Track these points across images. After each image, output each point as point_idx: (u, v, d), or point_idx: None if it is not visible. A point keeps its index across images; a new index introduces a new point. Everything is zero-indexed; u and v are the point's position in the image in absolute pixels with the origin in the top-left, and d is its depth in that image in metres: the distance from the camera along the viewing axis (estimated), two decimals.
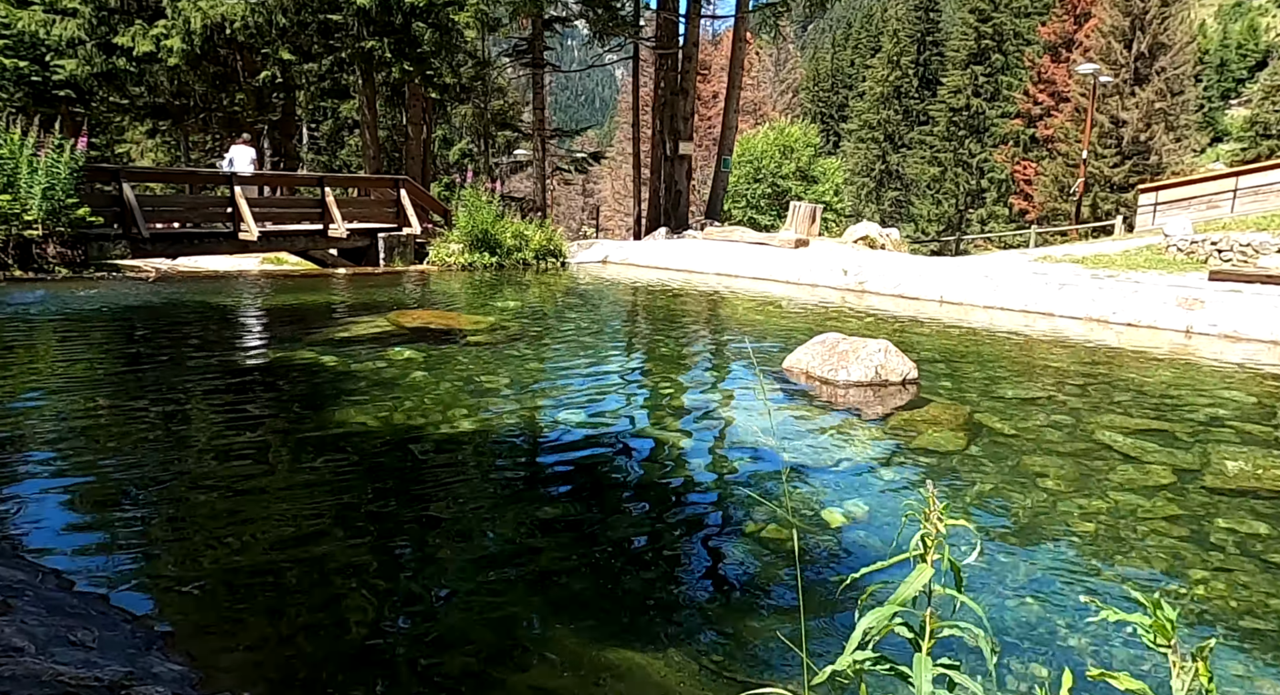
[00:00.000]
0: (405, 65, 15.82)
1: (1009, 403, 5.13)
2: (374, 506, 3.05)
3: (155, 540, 2.71)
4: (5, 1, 19.40)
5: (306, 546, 2.70)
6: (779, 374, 5.60)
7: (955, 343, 7.08)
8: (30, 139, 8.63)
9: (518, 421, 4.29)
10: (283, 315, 7.59)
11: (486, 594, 2.49)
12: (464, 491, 3.29)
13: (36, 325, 6.23)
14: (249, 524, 2.84)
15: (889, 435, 4.43)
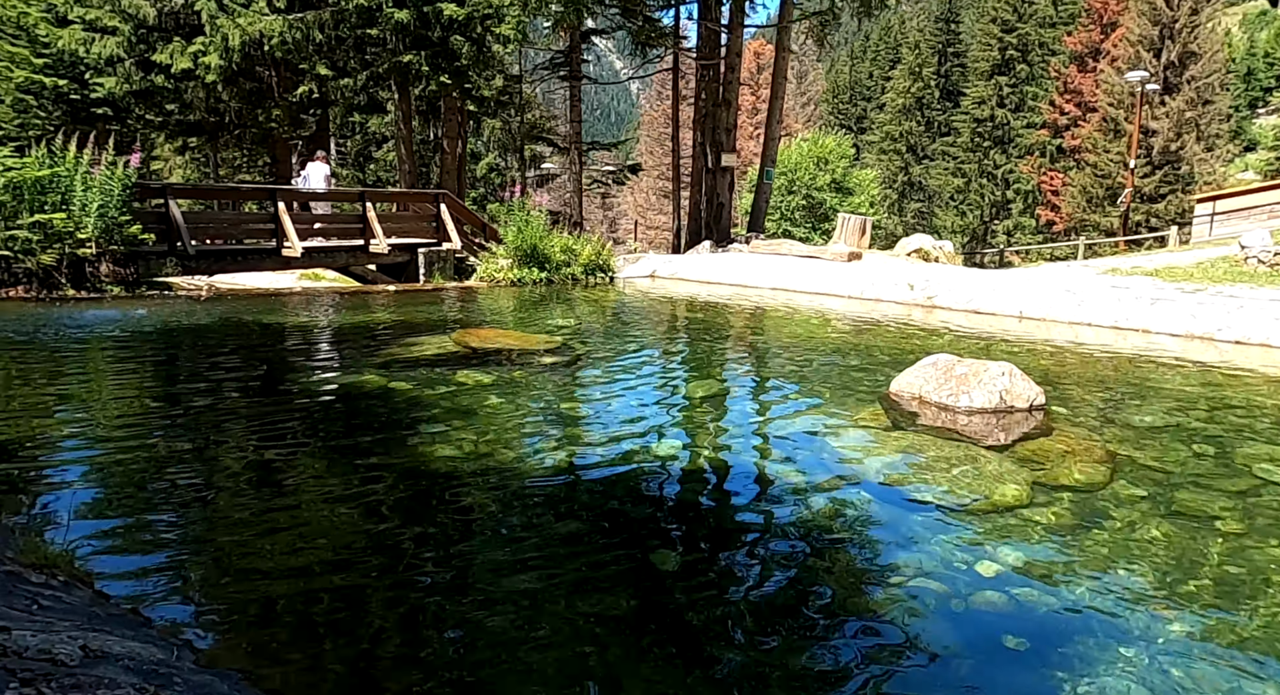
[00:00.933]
0: (443, 78, 15.63)
1: (1139, 430, 4.71)
2: (470, 547, 2.72)
3: (229, 585, 2.38)
4: (46, 21, 19.44)
5: (403, 591, 2.35)
6: (886, 399, 5.20)
7: (1052, 362, 6.66)
8: (85, 157, 8.41)
9: (608, 453, 3.96)
10: (342, 335, 7.30)
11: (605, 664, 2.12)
12: (563, 530, 3.00)
13: (108, 346, 5.95)
14: (343, 570, 2.50)
15: (1024, 468, 4.03)
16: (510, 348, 6.74)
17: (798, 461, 3.97)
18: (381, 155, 31.03)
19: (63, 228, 8.13)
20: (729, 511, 3.34)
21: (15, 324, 6.57)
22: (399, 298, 10.24)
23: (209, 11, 17.09)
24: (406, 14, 15.03)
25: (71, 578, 2.36)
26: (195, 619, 2.26)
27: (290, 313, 8.37)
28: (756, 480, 3.72)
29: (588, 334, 7.58)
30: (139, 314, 7.43)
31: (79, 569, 2.41)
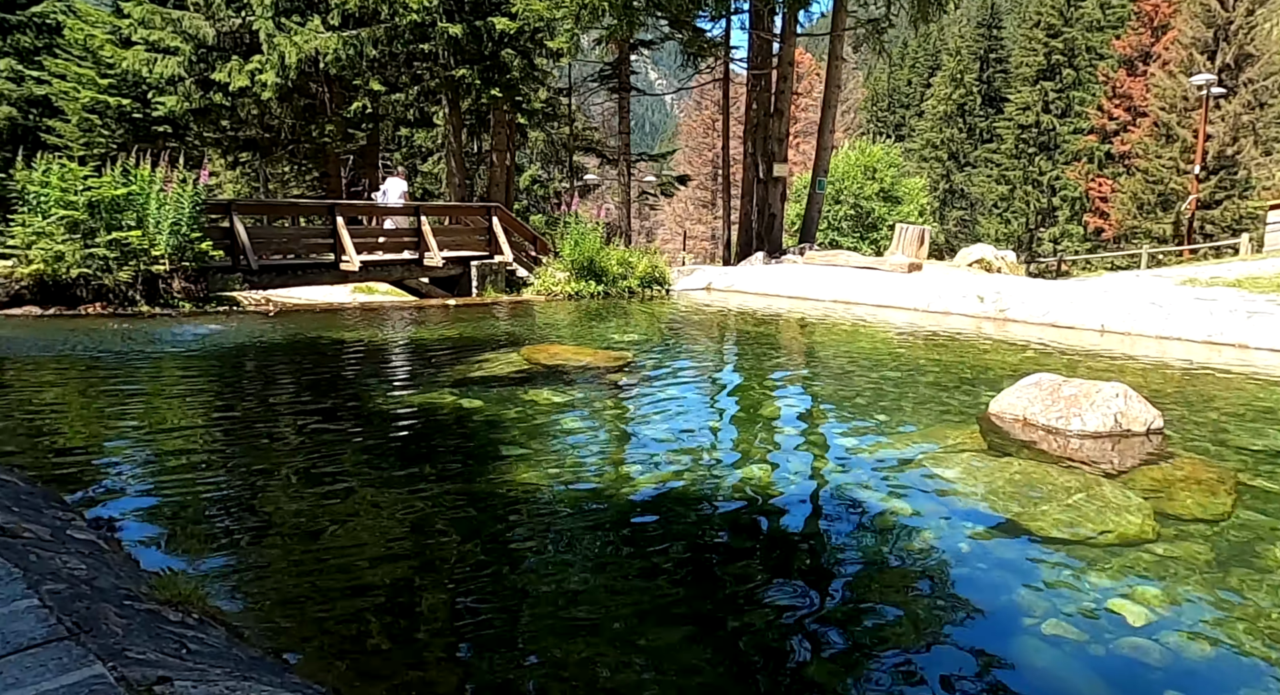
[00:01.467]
0: (494, 92, 15.72)
1: (1261, 455, 4.43)
2: (550, 573, 2.60)
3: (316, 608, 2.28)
4: (111, 42, 20.00)
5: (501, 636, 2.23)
6: (985, 421, 4.97)
7: (1149, 380, 6.35)
8: (158, 175, 8.53)
9: (691, 479, 3.82)
10: (411, 352, 7.26)
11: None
12: (645, 563, 2.84)
13: (189, 365, 5.97)
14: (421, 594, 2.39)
15: (1147, 498, 3.79)
16: (580, 365, 6.64)
17: (896, 490, 3.78)
18: (427, 168, 31.39)
19: (138, 245, 8.25)
20: (828, 545, 3.17)
21: (100, 341, 6.64)
22: (458, 312, 10.23)
23: (266, 30, 17.42)
24: (459, 28, 15.16)
25: (205, 615, 2.28)
26: (332, 661, 2.16)
27: (356, 329, 8.39)
28: (854, 510, 3.55)
29: (654, 350, 7.46)
30: (214, 330, 7.49)
31: (211, 606, 2.33)
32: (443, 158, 31.17)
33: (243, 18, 19.18)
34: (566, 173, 35.51)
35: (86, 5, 22.56)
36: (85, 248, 8.04)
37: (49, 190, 8.01)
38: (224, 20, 19.30)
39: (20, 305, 7.93)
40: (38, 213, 7.97)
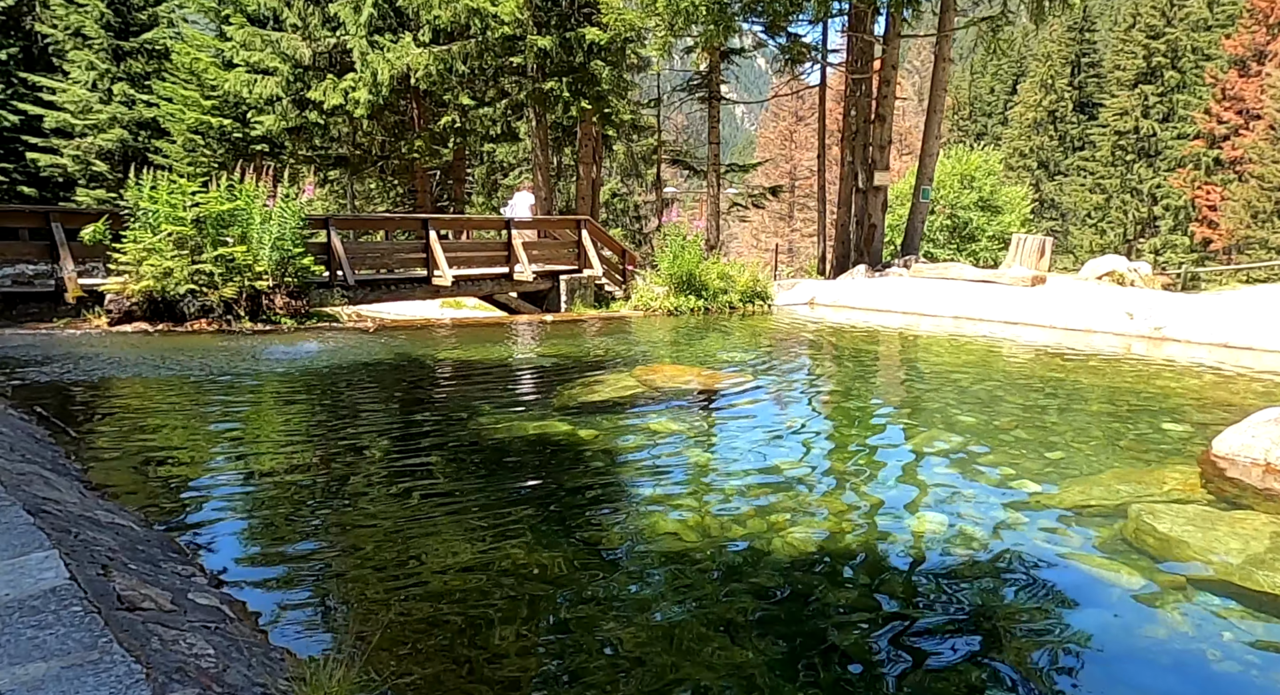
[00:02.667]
0: (583, 103, 15.45)
1: None
2: (686, 632, 2.03)
3: None
4: (214, 65, 20.65)
5: None
6: (1208, 464, 4.20)
7: None
8: (262, 190, 8.40)
9: (858, 531, 3.31)
10: (515, 371, 6.86)
11: None
12: (802, 628, 2.30)
13: (298, 385, 5.69)
14: None
15: None
16: (696, 388, 6.11)
17: (1110, 552, 3.10)
18: (509, 182, 31.57)
19: (242, 261, 8.14)
20: (1024, 618, 2.55)
21: (209, 360, 6.45)
22: (554, 329, 9.84)
23: (360, 49, 17.64)
24: (549, 40, 14.96)
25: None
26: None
27: (455, 347, 8.06)
28: (1058, 576, 2.89)
29: (771, 370, 6.88)
30: (316, 349, 7.26)
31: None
32: (524, 172, 31.32)
33: (337, 37, 19.54)
34: (649, 185, 35.21)
35: (193, 30, 23.46)
36: (192, 264, 7.96)
37: (158, 206, 7.97)
38: (320, 40, 19.69)
39: (131, 322, 7.89)
40: (148, 229, 7.92)
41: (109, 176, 22.69)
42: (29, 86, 22.07)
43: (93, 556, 2.27)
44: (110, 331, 7.72)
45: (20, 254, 8.65)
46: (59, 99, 22.04)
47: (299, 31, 19.63)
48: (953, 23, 14.11)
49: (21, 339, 6.99)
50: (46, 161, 22.00)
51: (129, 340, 7.29)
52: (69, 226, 8.99)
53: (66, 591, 1.92)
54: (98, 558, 2.28)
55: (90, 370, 5.76)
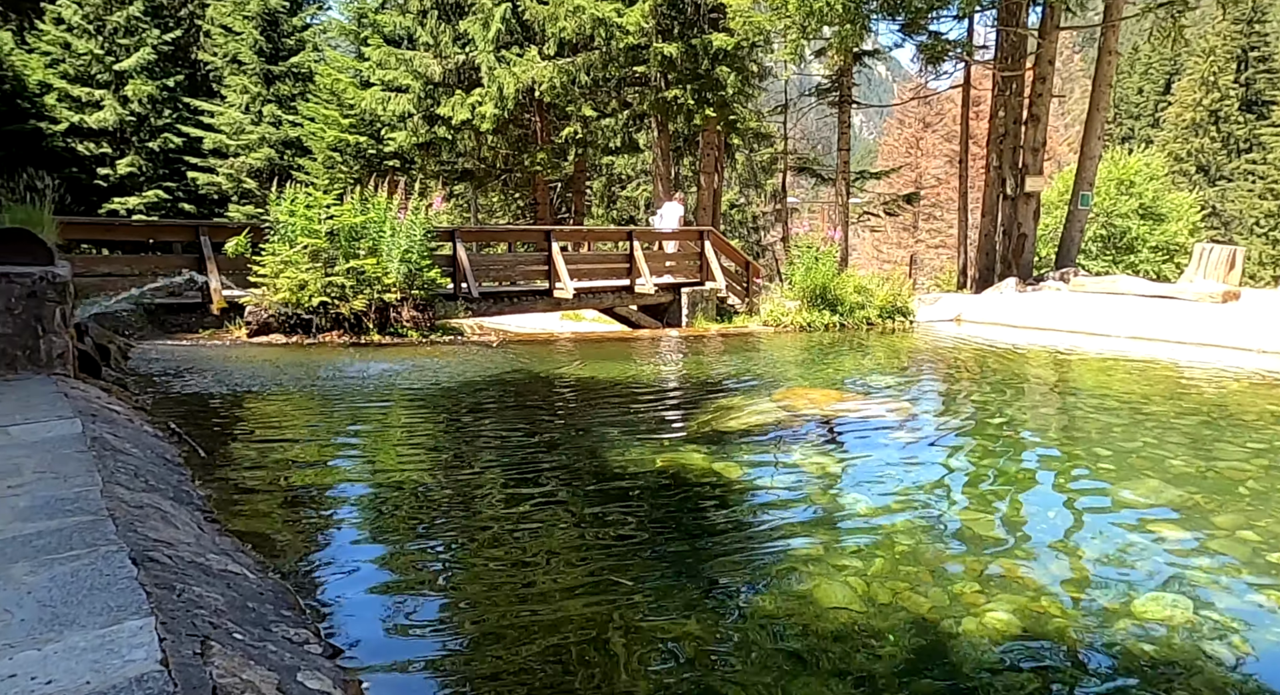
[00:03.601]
0: (708, 111, 15.03)
1: None
2: None
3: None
4: (353, 85, 21.65)
5: None
6: None
7: None
8: (394, 202, 8.39)
9: (1081, 616, 2.54)
10: (643, 392, 6.42)
11: None
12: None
13: (425, 402, 5.46)
14: None
15: None
16: (848, 417, 5.47)
17: None
18: (625, 194, 31.63)
19: (372, 273, 8.12)
20: None
21: (341, 373, 6.37)
22: (680, 344, 9.38)
23: (488, 64, 17.94)
24: (674, 48, 14.65)
25: None
26: None
27: (579, 364, 7.73)
28: None
29: (925, 398, 6.14)
30: (445, 363, 7.10)
31: None
32: (641, 184, 31.27)
33: (466, 53, 20.04)
34: (768, 196, 34.42)
35: (334, 52, 24.74)
36: (325, 276, 8.01)
37: (295, 219, 8.08)
38: (449, 57, 20.24)
39: (267, 333, 8.02)
40: (285, 242, 8.04)
41: (257, 193, 24.24)
42: (192, 111, 23.90)
43: (194, 625, 1.94)
44: (248, 343, 7.87)
45: (173, 266, 9.03)
46: (217, 121, 23.74)
47: (430, 49, 20.26)
48: (1120, 11, 12.74)
49: (168, 350, 7.18)
50: (204, 180, 23.73)
51: (264, 352, 7.38)
52: (216, 240, 9.34)
53: (154, 683, 1.57)
54: (200, 627, 1.95)
55: (227, 383, 5.76)
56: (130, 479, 3.03)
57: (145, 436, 3.99)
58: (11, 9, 24.72)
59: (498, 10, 18.02)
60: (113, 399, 4.68)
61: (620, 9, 15.06)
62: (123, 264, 9.12)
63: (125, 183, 22.87)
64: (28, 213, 5.26)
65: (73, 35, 22.33)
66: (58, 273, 4.63)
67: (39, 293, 4.56)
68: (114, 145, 22.97)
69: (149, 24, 23.07)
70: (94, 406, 4.14)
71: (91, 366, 5.15)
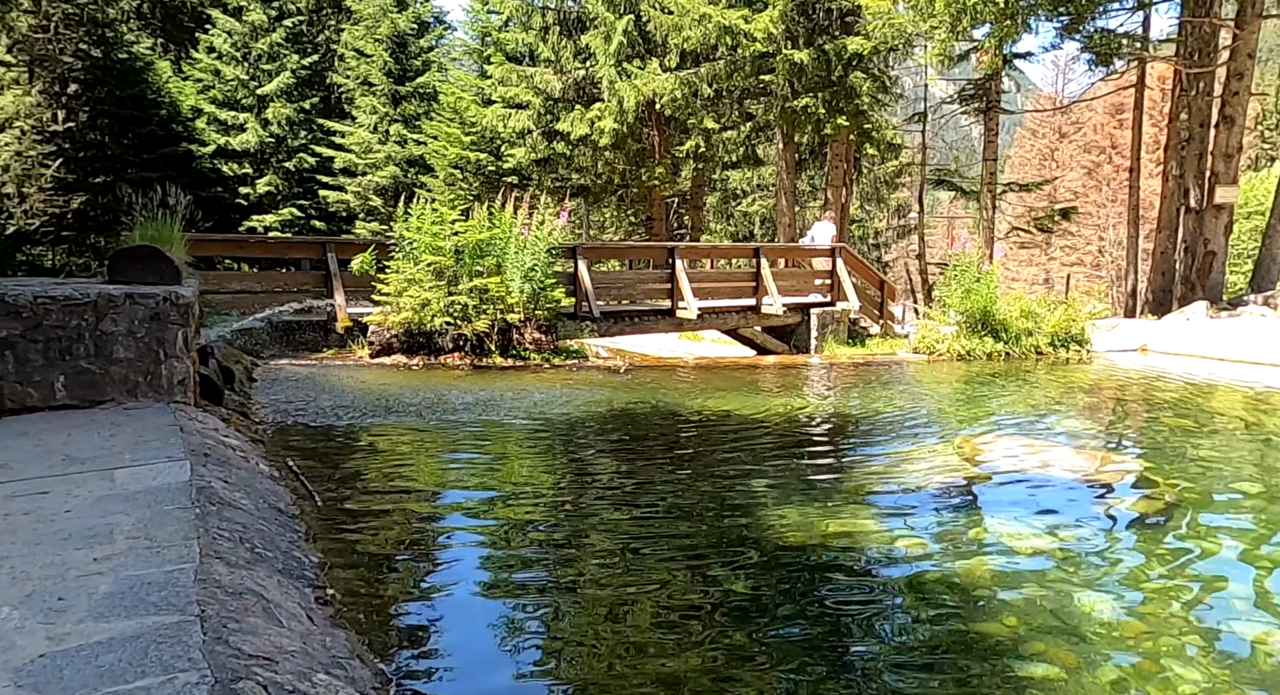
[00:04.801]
0: (840, 120, 14.12)
1: None
2: None
3: None
4: (474, 102, 21.98)
5: None
6: None
7: None
8: (518, 218, 7.98)
9: None
10: (791, 434, 5.64)
11: None
12: None
13: (549, 439, 4.92)
14: None
15: None
16: (1051, 474, 4.53)
17: None
18: (741, 210, 30.86)
19: (496, 292, 7.72)
20: None
21: (465, 400, 5.95)
22: (820, 373, 8.53)
23: (609, 77, 17.70)
24: (805, 54, 13.85)
25: None
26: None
27: (712, 394, 7.03)
28: None
29: (1141, 450, 5.09)
30: (572, 392, 6.57)
31: None
32: (757, 198, 30.41)
33: (586, 68, 19.93)
34: (891, 210, 32.83)
35: (458, 71, 25.29)
36: (448, 295, 7.68)
37: (420, 236, 7.81)
38: (569, 73, 20.20)
39: (390, 353, 7.76)
40: (410, 259, 7.77)
41: (383, 210, 25.01)
42: (325, 132, 24.96)
43: None
44: (370, 363, 7.63)
45: (301, 284, 8.99)
46: (347, 141, 24.68)
47: (551, 65, 20.29)
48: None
49: (292, 371, 6.99)
50: (334, 198, 24.68)
51: (387, 375, 7.09)
52: (342, 257, 9.25)
53: None
54: None
55: (348, 410, 5.42)
56: (233, 548, 2.54)
57: (259, 479, 3.57)
58: (170, 40, 26.68)
59: (620, 23, 17.77)
60: (230, 430, 4.35)
61: (747, 16, 14.42)
62: (253, 281, 9.16)
63: (264, 201, 24.08)
64: (158, 229, 5.06)
65: (222, 62, 23.77)
66: (181, 293, 4.35)
67: (162, 315, 4.29)
68: (254, 166, 24.25)
69: (289, 50, 24.29)
70: (208, 442, 3.78)
71: (213, 392, 4.89)
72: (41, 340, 4.03)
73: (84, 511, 2.64)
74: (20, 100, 21.53)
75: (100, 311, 4.14)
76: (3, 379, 3.97)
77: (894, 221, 34.19)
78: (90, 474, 3.06)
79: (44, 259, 21.73)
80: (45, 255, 22.26)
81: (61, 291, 4.09)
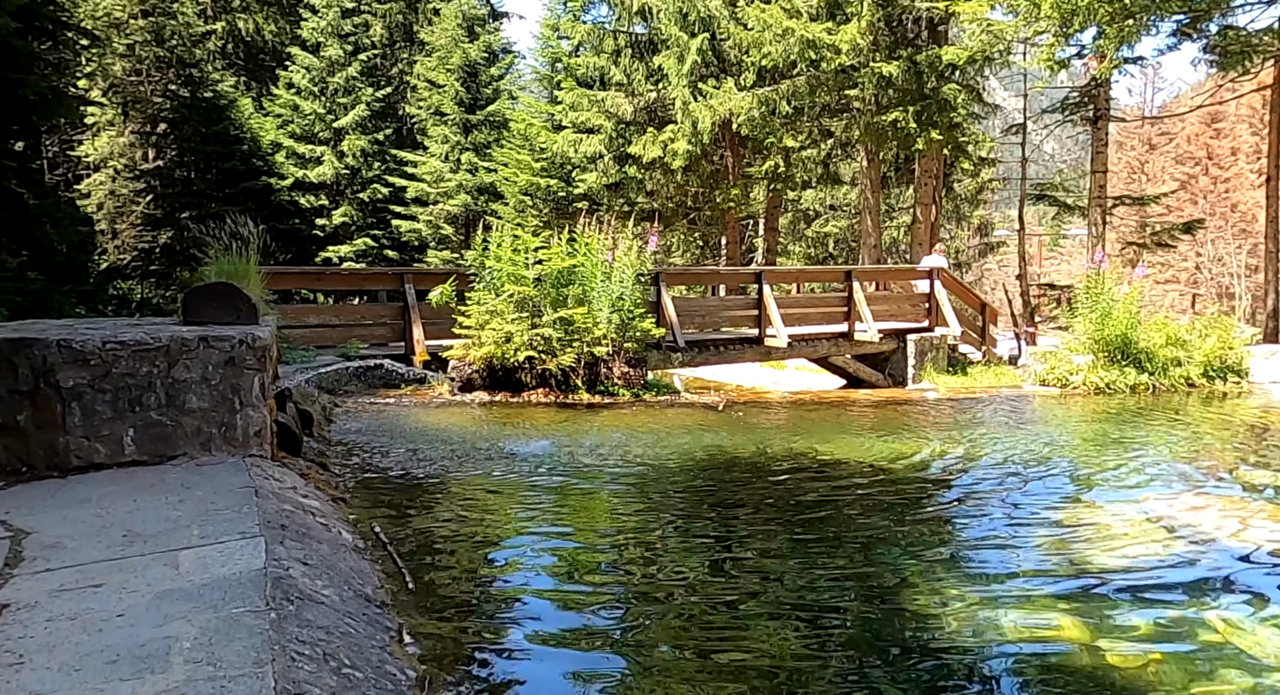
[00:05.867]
0: (933, 134, 13.30)
1: None
2: None
3: None
4: (545, 129, 21.87)
5: None
6: None
7: None
8: (604, 243, 7.49)
9: None
10: (928, 490, 4.92)
11: None
12: None
13: (651, 492, 4.35)
14: None
15: None
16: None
17: None
18: (813, 231, 29.98)
19: (581, 324, 7.21)
20: None
21: (557, 445, 5.42)
22: (941, 410, 7.74)
23: (683, 98, 17.30)
24: (895, 66, 13.13)
25: None
26: None
27: (820, 435, 6.35)
28: None
29: None
30: (668, 432, 5.99)
31: None
32: (829, 218, 29.50)
33: (658, 90, 19.60)
34: (973, 228, 31.46)
35: (529, 97, 25.35)
36: (532, 328, 7.20)
37: (501, 264, 7.38)
38: (641, 95, 19.90)
39: (471, 390, 7.34)
40: (491, 290, 7.34)
41: (454, 239, 25.10)
42: (398, 162, 25.27)
43: None
44: (451, 401, 7.21)
45: (379, 316, 8.69)
46: (419, 171, 24.92)
47: (622, 88, 20.04)
48: None
49: (371, 410, 6.61)
50: (406, 227, 24.90)
51: (469, 415, 6.64)
52: (419, 288, 8.92)
53: None
54: None
55: (433, 459, 4.97)
56: (315, 671, 2.01)
57: (342, 555, 3.08)
58: (252, 78, 27.59)
59: (693, 43, 17.38)
60: (310, 488, 3.90)
61: (830, 28, 13.80)
62: (330, 314, 8.91)
63: (339, 232, 24.45)
64: (234, 264, 4.70)
65: (300, 97, 24.36)
66: (258, 334, 3.95)
67: (237, 359, 3.88)
68: (330, 197, 24.69)
69: (364, 83, 24.75)
70: (286, 508, 3.31)
71: (291, 440, 4.47)
72: (110, 390, 3.66)
73: (139, 615, 2.16)
74: (114, 141, 22.43)
75: (173, 357, 3.76)
76: (69, 434, 3.61)
77: (975, 240, 32.79)
78: (152, 558, 2.60)
79: (134, 292, 22.44)
80: (135, 289, 23.02)
81: (132, 335, 3.73)
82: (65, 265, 14.60)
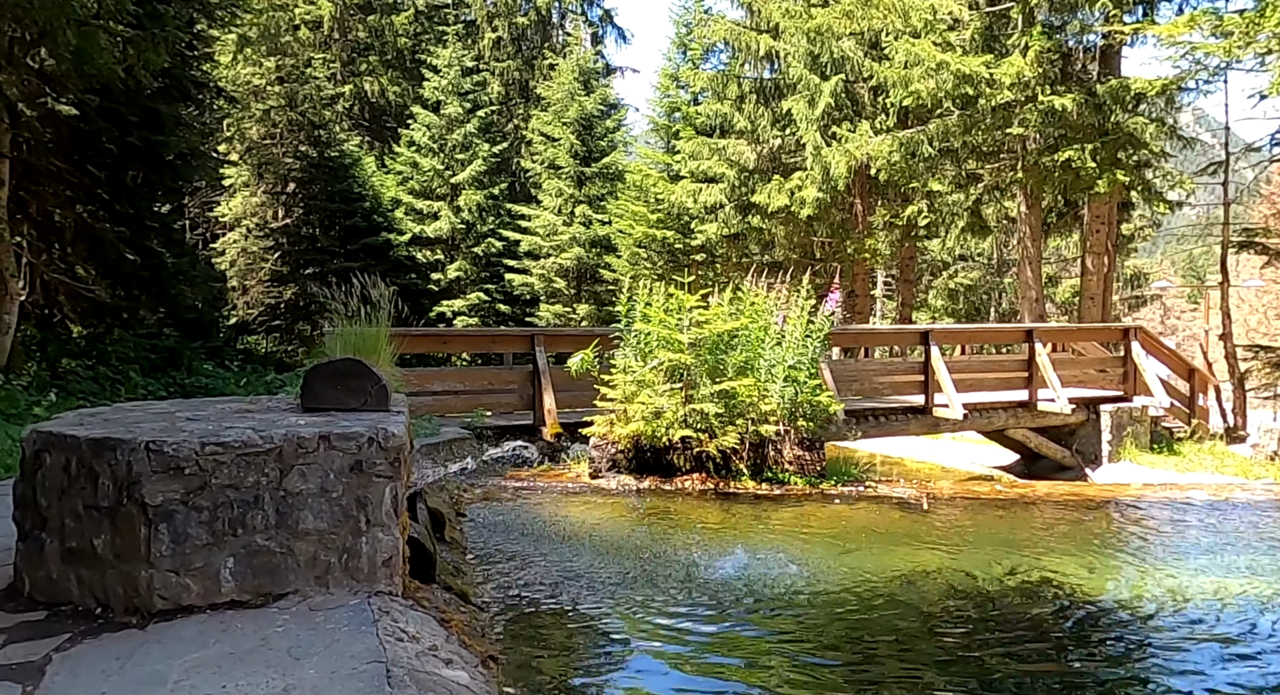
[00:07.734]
0: (1118, 175, 11.66)
1: None
2: None
3: None
4: (662, 179, 21.29)
5: None
6: None
7: None
8: (772, 301, 6.40)
9: None
10: (1242, 660, 3.42)
11: None
12: None
13: (870, 640, 3.14)
14: None
15: None
16: None
17: None
18: (939, 285, 28.03)
19: (746, 398, 6.09)
20: None
21: (719, 557, 4.32)
22: (1195, 513, 6.15)
23: (814, 143, 16.27)
24: (1070, 100, 11.67)
25: None
26: None
27: (1057, 550, 4.93)
28: None
29: None
30: (868, 542, 4.76)
31: None
32: (958, 270, 27.52)
33: (784, 136, 18.69)
34: (1127, 279, 28.76)
35: (644, 148, 24.96)
36: (686, 401, 6.14)
37: (651, 326, 6.38)
38: (765, 143, 19.03)
39: (615, 471, 6.30)
40: (639, 356, 6.34)
41: (565, 292, 24.70)
42: (512, 216, 25.25)
43: None
44: (591, 486, 6.19)
45: (507, 382, 7.88)
46: (533, 224, 24.78)
47: (745, 135, 19.25)
48: None
49: (501, 498, 5.66)
50: (519, 281, 24.67)
51: (619, 505, 5.61)
52: (551, 351, 8.10)
53: None
54: None
55: (583, 576, 3.94)
56: None
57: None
58: (375, 137, 28.52)
59: (826, 86, 16.40)
60: (454, 646, 2.89)
61: (990, 62, 12.51)
62: (455, 380, 8.19)
63: (452, 286, 24.46)
64: (362, 335, 3.85)
65: (420, 154, 24.81)
66: (392, 431, 3.03)
67: (365, 463, 2.97)
68: (446, 252, 24.82)
69: (481, 139, 25.01)
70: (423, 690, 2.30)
71: (423, 562, 3.51)
72: (208, 506, 2.79)
73: None
74: (249, 201, 23.34)
75: (285, 462, 2.88)
76: (155, 566, 2.75)
77: (1126, 292, 30.01)
78: None
79: (259, 347, 23.00)
80: (260, 342, 23.62)
81: (236, 434, 2.87)
82: (197, 322, 14.83)
